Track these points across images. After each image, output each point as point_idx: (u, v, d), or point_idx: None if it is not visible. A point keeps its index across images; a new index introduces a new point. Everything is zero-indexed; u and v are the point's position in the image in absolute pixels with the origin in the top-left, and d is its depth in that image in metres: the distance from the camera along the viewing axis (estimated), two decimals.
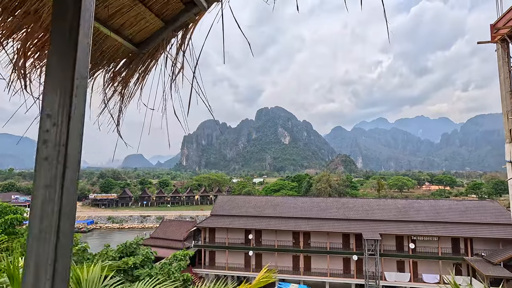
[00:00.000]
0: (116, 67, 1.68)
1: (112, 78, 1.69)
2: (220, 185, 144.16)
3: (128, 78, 1.71)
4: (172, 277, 15.47)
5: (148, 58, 1.67)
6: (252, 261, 37.42)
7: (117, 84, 1.71)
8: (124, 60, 1.68)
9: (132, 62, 1.67)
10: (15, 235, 19.05)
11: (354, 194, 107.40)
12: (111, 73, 1.68)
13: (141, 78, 1.72)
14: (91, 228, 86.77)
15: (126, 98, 1.74)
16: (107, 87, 1.71)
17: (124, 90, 1.72)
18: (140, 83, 1.73)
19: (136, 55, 1.66)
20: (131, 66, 1.67)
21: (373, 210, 38.53)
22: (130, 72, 1.69)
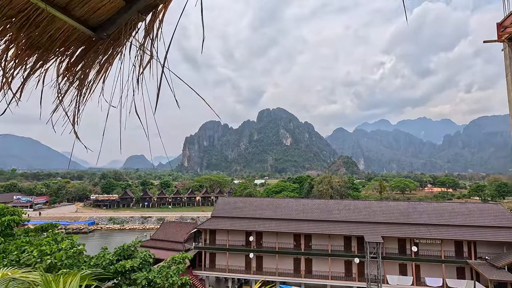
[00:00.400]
0: (72, 56, 1.43)
1: (67, 69, 1.45)
2: (221, 186, 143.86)
3: (86, 69, 1.46)
4: (170, 281, 15.20)
5: (109, 46, 1.42)
6: (253, 263, 37.08)
7: (73, 77, 1.46)
8: (82, 48, 1.44)
9: (90, 50, 1.43)
10: (12, 237, 18.89)
11: (356, 196, 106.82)
12: (65, 63, 1.44)
13: (102, 70, 1.47)
14: (92, 229, 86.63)
15: (84, 93, 1.49)
16: (61, 81, 1.46)
17: (81, 84, 1.47)
18: (102, 75, 1.48)
19: (94, 41, 1.41)
20: (88, 55, 1.43)
21: (375, 213, 38.11)
22: (88, 63, 1.44)
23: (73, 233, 76.33)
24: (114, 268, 14.02)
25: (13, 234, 19.18)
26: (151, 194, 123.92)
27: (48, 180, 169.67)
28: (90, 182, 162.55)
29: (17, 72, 1.31)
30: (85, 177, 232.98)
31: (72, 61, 1.45)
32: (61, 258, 13.01)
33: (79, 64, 1.45)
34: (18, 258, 13.18)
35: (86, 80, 1.49)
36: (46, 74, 1.38)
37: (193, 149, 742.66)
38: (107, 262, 14.19)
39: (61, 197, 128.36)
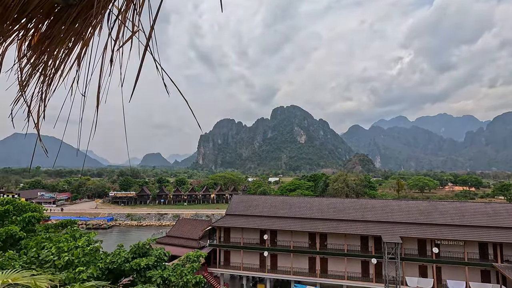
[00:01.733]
0: (37, 30, 1.15)
1: (31, 48, 1.17)
2: (235, 184, 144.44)
3: (53, 48, 1.18)
4: (185, 279, 15.16)
5: (81, 16, 1.13)
6: (267, 262, 36.87)
7: (38, 58, 1.19)
8: (49, 20, 1.16)
9: (58, 22, 1.14)
10: (33, 233, 19.51)
11: (373, 194, 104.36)
12: (28, 40, 1.17)
13: (75, 49, 1.18)
14: (111, 225, 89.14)
15: (51, 78, 1.21)
16: (23, 63, 1.19)
17: (48, 66, 1.19)
18: (75, 56, 1.19)
19: (62, 10, 1.12)
20: (56, 28, 1.14)
21: (392, 212, 36.92)
22: (56, 39, 1.16)
23: (93, 229, 78.82)
24: (130, 265, 14.13)
25: (34, 230, 19.80)
26: (167, 191, 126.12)
27: (70, 177, 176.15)
28: (109, 180, 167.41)
29: None
30: (104, 174, 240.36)
31: (37, 38, 1.17)
32: (78, 255, 13.23)
33: (45, 41, 1.17)
34: (37, 254, 13.51)
35: (55, 62, 1.21)
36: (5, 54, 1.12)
37: (207, 147, 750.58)
38: (122, 260, 14.30)
39: (81, 194, 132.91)
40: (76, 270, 12.67)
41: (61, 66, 1.22)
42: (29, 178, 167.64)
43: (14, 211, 20.67)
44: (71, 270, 12.91)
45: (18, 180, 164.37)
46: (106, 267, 14.31)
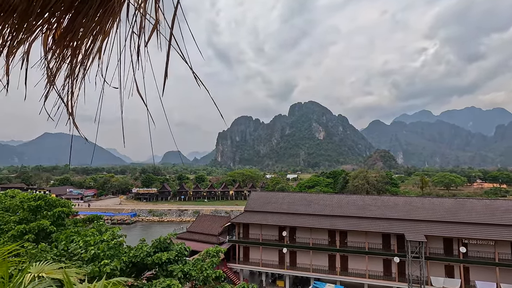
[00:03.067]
0: (60, 24, 1.17)
1: (56, 42, 1.20)
2: (254, 180, 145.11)
3: (75, 41, 1.20)
4: (205, 274, 15.46)
5: (101, 8, 1.14)
6: (286, 259, 36.83)
7: (62, 52, 1.21)
8: (70, 14, 1.17)
9: (79, 15, 1.16)
10: (63, 227, 20.61)
11: (395, 191, 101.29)
12: (53, 35, 1.19)
13: (97, 41, 1.19)
14: (134, 220, 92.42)
15: (77, 73, 1.23)
16: (50, 58, 1.22)
17: (74, 60, 1.21)
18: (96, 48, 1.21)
19: (83, 4, 1.14)
20: (78, 22, 1.16)
21: (416, 209, 35.66)
22: (78, 32, 1.18)
23: (118, 224, 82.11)
24: (152, 259, 14.60)
25: (64, 224, 20.89)
26: (187, 188, 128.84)
27: (95, 174, 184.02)
28: (132, 177, 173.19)
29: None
30: (127, 171, 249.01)
31: (61, 31, 1.20)
32: (103, 249, 13.84)
33: (69, 34, 1.20)
34: (66, 247, 14.27)
35: (78, 56, 1.23)
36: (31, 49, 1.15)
37: (225, 145, 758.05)
38: (144, 254, 14.80)
39: (106, 190, 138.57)
40: (101, 263, 13.27)
41: (84, 60, 1.24)
42: (59, 175, 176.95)
43: (46, 206, 21.90)
44: (97, 263, 13.54)
45: (49, 177, 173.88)
46: (129, 261, 14.85)
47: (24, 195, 23.59)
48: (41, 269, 3.64)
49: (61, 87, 1.26)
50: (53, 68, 1.24)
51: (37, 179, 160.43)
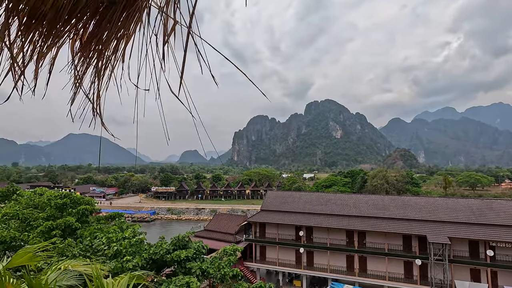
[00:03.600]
0: (86, 29, 1.22)
1: (83, 47, 1.25)
2: (270, 180, 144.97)
3: (100, 45, 1.24)
4: (222, 272, 15.64)
5: (124, 12, 1.18)
6: (303, 258, 36.56)
7: (88, 56, 1.26)
8: (95, 20, 1.22)
9: (104, 19, 1.20)
10: (87, 224, 21.49)
11: (416, 191, 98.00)
12: (79, 39, 1.25)
13: (121, 44, 1.24)
14: (153, 218, 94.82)
15: (103, 74, 1.28)
16: (78, 61, 1.27)
17: (100, 62, 1.26)
18: (120, 51, 1.25)
19: (106, 8, 1.18)
20: (103, 26, 1.20)
21: (439, 210, 34.35)
22: (103, 36, 1.23)
23: (138, 221, 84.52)
24: (171, 257, 14.94)
25: (87, 221, 21.78)
26: (204, 187, 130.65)
27: (116, 173, 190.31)
28: (151, 176, 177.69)
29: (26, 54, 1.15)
30: (147, 170, 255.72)
31: (87, 36, 1.25)
32: (125, 246, 14.33)
33: (94, 39, 1.25)
34: (91, 243, 14.89)
35: (104, 59, 1.28)
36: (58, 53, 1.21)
37: (242, 144, 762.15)
38: (164, 251, 15.17)
39: (127, 189, 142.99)
40: (123, 259, 13.74)
41: (108, 63, 1.29)
42: (83, 174, 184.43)
43: (71, 204, 22.91)
44: (119, 259, 14.03)
45: (73, 176, 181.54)
46: (150, 258, 15.27)
47: (51, 193, 24.80)
48: (69, 263, 3.83)
49: (87, 89, 1.31)
50: (80, 72, 1.30)
51: (62, 177, 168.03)
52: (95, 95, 1.30)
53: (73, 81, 1.31)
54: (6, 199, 29.01)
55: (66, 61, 1.31)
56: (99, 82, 1.31)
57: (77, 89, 1.30)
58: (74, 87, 1.30)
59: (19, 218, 22.03)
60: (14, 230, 20.08)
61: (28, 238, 18.54)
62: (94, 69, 1.30)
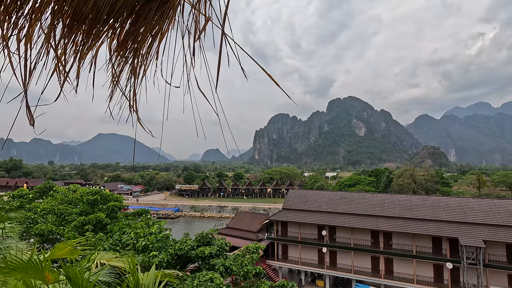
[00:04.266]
0: (123, 28, 1.26)
1: (120, 45, 1.30)
2: (291, 178, 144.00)
3: (138, 43, 1.28)
4: (245, 269, 15.77)
5: (159, 9, 1.20)
6: (326, 258, 36.01)
7: (127, 53, 1.30)
8: (132, 18, 1.26)
9: (140, 18, 1.24)
10: (116, 219, 22.56)
11: (446, 191, 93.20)
12: (116, 38, 1.29)
13: (155, 42, 1.27)
14: (177, 215, 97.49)
15: (139, 72, 1.32)
16: (115, 60, 1.32)
17: (135, 60, 1.30)
18: (155, 48, 1.28)
19: (142, 7, 1.21)
20: (139, 24, 1.24)
21: (472, 212, 32.43)
22: (139, 34, 1.26)
23: (163, 218, 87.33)
24: (195, 253, 15.31)
25: (116, 217, 22.83)
26: (226, 185, 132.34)
27: (143, 171, 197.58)
28: (175, 174, 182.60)
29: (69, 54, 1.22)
30: (171, 169, 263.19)
31: (123, 35, 1.30)
32: (152, 241, 14.90)
33: (131, 37, 1.29)
34: (120, 238, 15.62)
35: (139, 56, 1.32)
36: (98, 54, 1.27)
37: (263, 142, 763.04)
38: (188, 247, 15.56)
39: (152, 186, 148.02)
40: (150, 254, 14.28)
41: (144, 61, 1.33)
42: (111, 172, 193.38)
43: (101, 200, 24.13)
44: (146, 253, 14.59)
45: (103, 174, 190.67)
46: (175, 253, 15.73)
47: (83, 190, 26.25)
48: (101, 257, 4.03)
49: (123, 87, 1.36)
50: (117, 70, 1.35)
51: (93, 175, 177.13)
52: (131, 92, 1.35)
53: (111, 79, 1.36)
54: (44, 195, 31.08)
55: (103, 61, 1.36)
56: (135, 79, 1.35)
57: (114, 87, 1.36)
58: (112, 85, 1.36)
59: (55, 213, 23.53)
60: (51, 224, 21.47)
61: (63, 232, 19.75)
62: (130, 66, 1.34)
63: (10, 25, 1.07)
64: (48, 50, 1.17)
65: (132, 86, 1.34)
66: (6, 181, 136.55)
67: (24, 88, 1.11)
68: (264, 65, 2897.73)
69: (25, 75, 1.16)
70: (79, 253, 3.59)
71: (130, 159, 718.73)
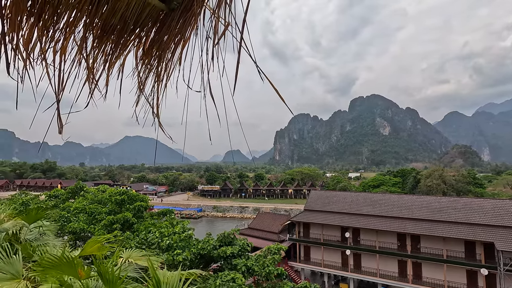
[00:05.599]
0: (148, 37, 1.32)
1: (145, 53, 1.36)
2: (313, 179, 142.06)
3: (162, 50, 1.34)
4: (267, 270, 15.77)
5: (182, 17, 1.25)
6: (350, 261, 35.16)
7: (152, 60, 1.37)
8: (156, 27, 1.32)
9: (164, 26, 1.29)
10: (142, 219, 23.42)
11: (480, 193, 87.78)
12: (142, 47, 1.36)
13: (178, 48, 1.32)
14: (200, 215, 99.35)
15: (162, 78, 1.38)
16: (140, 67, 1.39)
17: (159, 67, 1.36)
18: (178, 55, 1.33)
19: (166, 15, 1.26)
20: (163, 32, 1.29)
21: (510, 215, 30.32)
22: (163, 42, 1.32)
23: (186, 218, 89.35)
24: (217, 252, 15.54)
25: (142, 217, 23.69)
26: (247, 185, 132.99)
27: (166, 172, 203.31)
28: (197, 175, 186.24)
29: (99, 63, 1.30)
30: (193, 170, 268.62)
31: (149, 43, 1.36)
32: (176, 240, 15.33)
33: (155, 45, 1.35)
34: (145, 237, 16.22)
35: (163, 63, 1.38)
36: (125, 62, 1.34)
37: (283, 143, 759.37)
38: (211, 247, 15.83)
39: (176, 187, 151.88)
40: (174, 253, 14.68)
41: (168, 67, 1.39)
42: (137, 173, 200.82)
43: (128, 200, 25.17)
44: (171, 252, 15.02)
45: (129, 175, 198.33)
46: (198, 252, 16.05)
47: (111, 190, 27.49)
48: (129, 255, 4.21)
49: (148, 93, 1.43)
50: (143, 77, 1.42)
51: (120, 176, 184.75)
52: (155, 98, 1.42)
53: (137, 86, 1.44)
54: (76, 195, 32.90)
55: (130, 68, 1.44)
56: (158, 85, 1.41)
57: (140, 93, 1.43)
58: (138, 91, 1.43)
59: (86, 212, 24.82)
60: (83, 222, 22.68)
61: (94, 230, 20.78)
62: (155, 73, 1.41)
63: (48, 39, 1.17)
64: (80, 60, 1.26)
65: (156, 92, 1.41)
66: (43, 182, 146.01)
67: (57, 97, 1.20)
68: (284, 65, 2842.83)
69: (59, 85, 1.25)
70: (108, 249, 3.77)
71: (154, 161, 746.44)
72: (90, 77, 1.27)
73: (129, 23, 1.19)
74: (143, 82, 1.42)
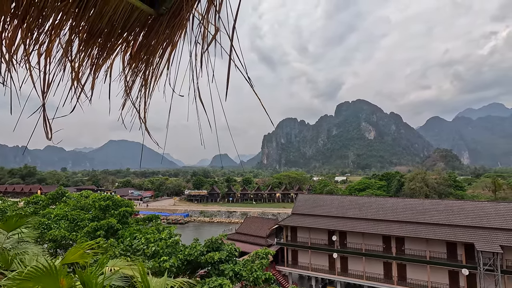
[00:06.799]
0: (136, 41, 1.32)
1: (132, 58, 1.35)
2: (300, 183, 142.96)
3: (149, 54, 1.34)
4: (255, 275, 15.67)
5: (170, 23, 1.25)
6: (337, 264, 35.47)
7: (139, 65, 1.36)
8: (144, 31, 1.32)
9: (152, 31, 1.29)
10: (127, 225, 22.83)
11: (460, 195, 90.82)
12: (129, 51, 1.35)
13: (166, 53, 1.32)
14: (187, 220, 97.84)
15: (150, 82, 1.37)
16: (127, 71, 1.38)
17: (146, 71, 1.36)
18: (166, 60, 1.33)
19: (154, 20, 1.27)
20: (151, 37, 1.29)
21: (489, 216, 31.49)
22: (151, 46, 1.32)
23: (173, 223, 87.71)
24: (205, 258, 15.32)
25: (127, 222, 23.09)
26: (234, 190, 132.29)
27: (152, 177, 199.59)
28: (184, 179, 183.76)
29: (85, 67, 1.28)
30: (180, 174, 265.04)
31: (136, 47, 1.35)
32: (162, 246, 15.00)
33: (143, 49, 1.34)
34: (131, 243, 15.80)
35: (151, 67, 1.37)
36: (112, 65, 1.33)
37: (271, 147, 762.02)
38: (198, 253, 15.60)
39: (162, 192, 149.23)
40: (160, 259, 14.37)
41: (155, 72, 1.39)
42: (122, 178, 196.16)
43: (113, 205, 24.48)
44: (157, 259, 14.68)
45: (114, 180, 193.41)
46: (185, 258, 15.78)
47: (95, 196, 26.71)
48: (114, 264, 4.09)
49: (135, 97, 1.42)
50: (129, 81, 1.41)
51: (104, 181, 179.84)
52: (142, 102, 1.41)
53: (124, 89, 1.42)
54: (57, 201, 31.75)
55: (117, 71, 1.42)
56: (146, 90, 1.41)
57: (127, 97, 1.42)
58: (125, 94, 1.42)
59: (68, 218, 23.97)
60: (64, 229, 21.88)
61: (76, 238, 20.08)
62: (142, 77, 1.40)
63: (32, 41, 1.14)
64: (65, 63, 1.24)
65: (143, 96, 1.40)
66: (21, 188, 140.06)
67: (43, 101, 1.17)
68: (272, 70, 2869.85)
69: (43, 88, 1.22)
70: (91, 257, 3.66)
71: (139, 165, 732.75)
72: (75, 81, 1.25)
73: (117, 27, 1.19)
74: (130, 86, 1.40)
